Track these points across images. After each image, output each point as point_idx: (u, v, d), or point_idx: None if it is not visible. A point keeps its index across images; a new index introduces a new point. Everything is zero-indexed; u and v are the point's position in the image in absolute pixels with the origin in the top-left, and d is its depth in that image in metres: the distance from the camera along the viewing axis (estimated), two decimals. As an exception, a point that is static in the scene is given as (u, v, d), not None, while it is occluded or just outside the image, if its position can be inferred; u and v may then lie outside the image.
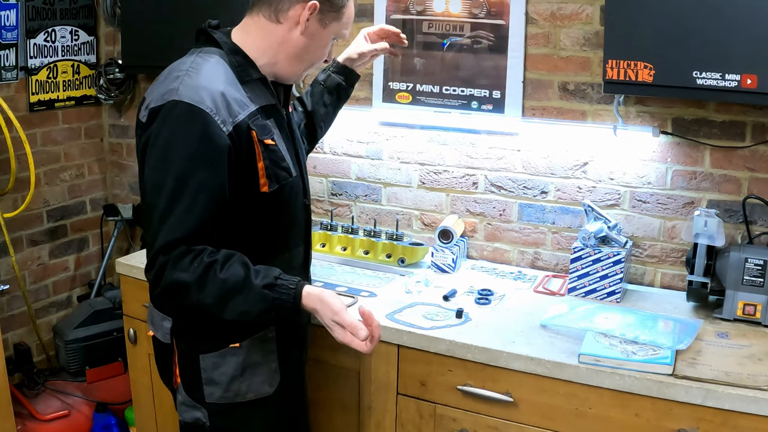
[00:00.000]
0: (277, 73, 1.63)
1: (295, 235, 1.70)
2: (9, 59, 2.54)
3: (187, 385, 1.64)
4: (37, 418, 2.52)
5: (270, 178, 1.55)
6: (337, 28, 1.61)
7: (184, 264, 1.42)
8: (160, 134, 1.45)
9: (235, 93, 1.51)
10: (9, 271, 2.68)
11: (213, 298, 1.44)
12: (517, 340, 1.82)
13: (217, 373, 1.60)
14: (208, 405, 1.62)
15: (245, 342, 1.61)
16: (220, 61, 1.55)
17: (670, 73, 1.81)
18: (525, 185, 2.33)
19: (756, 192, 2.04)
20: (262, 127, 1.54)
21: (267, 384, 1.65)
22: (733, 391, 1.57)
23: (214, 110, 1.45)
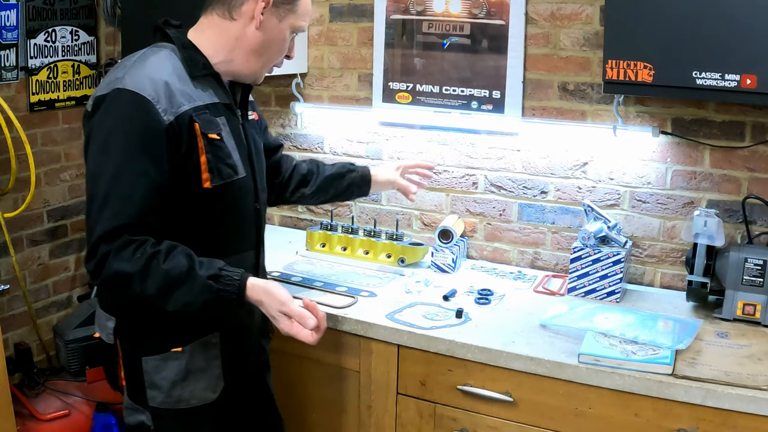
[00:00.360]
0: (235, 71, 1.61)
1: (243, 238, 1.66)
2: (9, 59, 2.54)
3: (131, 388, 1.62)
4: (38, 418, 2.52)
5: (213, 173, 1.51)
6: (293, 21, 1.59)
7: (127, 254, 1.40)
8: (103, 123, 1.45)
9: (181, 85, 1.49)
10: (9, 270, 2.68)
11: (156, 289, 1.42)
12: (516, 340, 1.82)
13: (159, 377, 1.58)
14: (151, 409, 1.60)
15: (187, 347, 1.58)
16: (171, 55, 1.54)
17: (670, 73, 1.82)
18: (525, 185, 2.33)
19: (755, 192, 2.04)
20: (207, 121, 1.51)
21: (210, 390, 1.62)
22: (732, 391, 1.57)
23: (155, 98, 1.44)
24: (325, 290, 2.12)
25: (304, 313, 1.48)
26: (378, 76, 2.45)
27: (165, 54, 1.54)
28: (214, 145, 1.52)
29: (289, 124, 2.68)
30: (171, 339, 1.57)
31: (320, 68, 2.57)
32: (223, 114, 1.57)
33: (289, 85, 2.60)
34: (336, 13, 2.51)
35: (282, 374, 2.11)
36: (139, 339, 1.59)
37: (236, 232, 1.64)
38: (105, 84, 1.50)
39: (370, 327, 1.93)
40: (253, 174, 1.65)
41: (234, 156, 1.57)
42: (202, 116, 1.51)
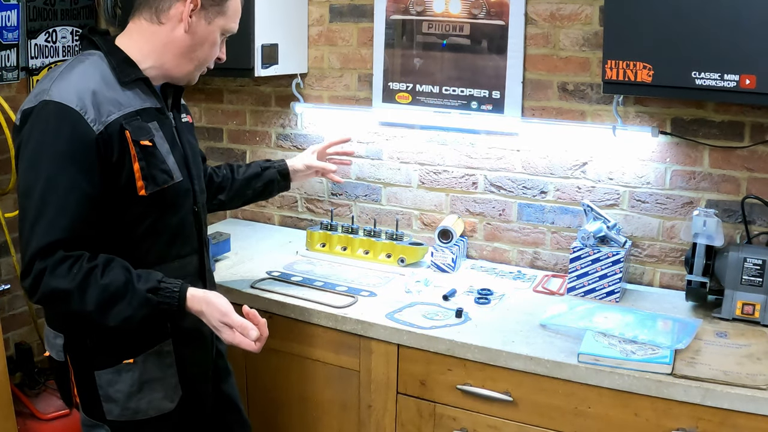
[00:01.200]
0: (168, 75, 1.59)
1: (184, 242, 1.64)
2: (10, 59, 2.54)
3: (86, 404, 1.58)
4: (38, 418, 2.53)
5: (147, 180, 1.49)
6: (223, 23, 1.58)
7: (62, 270, 1.38)
8: (31, 136, 1.42)
9: (110, 93, 1.47)
10: (10, 270, 2.69)
11: (94, 305, 1.40)
12: (516, 340, 1.82)
13: (113, 390, 1.55)
14: (109, 422, 1.57)
15: (139, 357, 1.55)
16: (98, 62, 1.51)
17: (669, 74, 1.82)
18: (524, 185, 2.33)
19: (755, 192, 2.04)
20: (138, 128, 1.49)
21: (168, 399, 1.60)
22: (731, 391, 1.57)
23: (83, 109, 1.42)
24: (325, 290, 2.13)
25: (246, 324, 1.46)
26: (378, 76, 2.45)
27: (92, 61, 1.51)
28: (146, 151, 1.49)
29: (289, 125, 2.68)
30: (122, 351, 1.54)
31: (320, 68, 2.58)
32: (155, 119, 1.55)
33: (289, 86, 2.60)
34: (336, 14, 2.51)
35: (282, 374, 2.11)
36: (90, 353, 1.55)
37: (177, 237, 1.61)
38: (32, 96, 1.47)
39: (370, 327, 1.93)
40: (190, 177, 1.62)
41: (169, 160, 1.55)
42: (133, 123, 1.48)
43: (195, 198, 1.65)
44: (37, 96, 1.45)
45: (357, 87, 2.53)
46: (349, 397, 2.02)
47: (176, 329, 1.60)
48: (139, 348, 1.56)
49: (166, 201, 1.55)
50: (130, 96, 1.51)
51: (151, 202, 1.52)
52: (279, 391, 2.14)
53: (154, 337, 1.57)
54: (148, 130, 1.51)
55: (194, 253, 1.67)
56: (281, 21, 2.40)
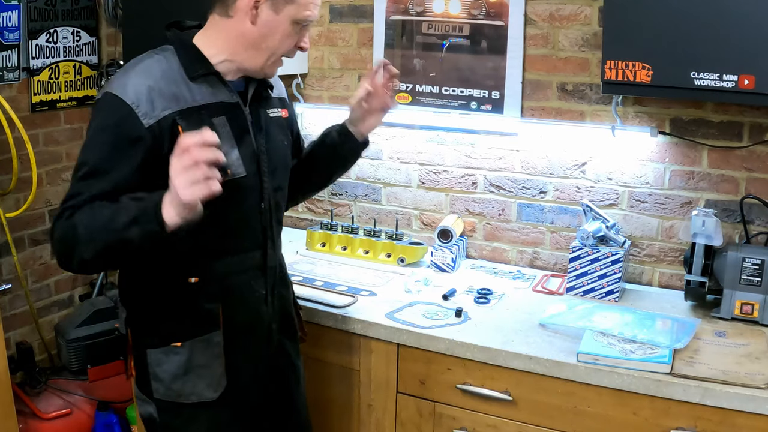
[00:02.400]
0: (242, 68, 1.60)
1: (245, 237, 1.65)
2: (11, 60, 2.55)
3: (139, 378, 1.64)
4: (39, 417, 2.53)
5: None
6: (293, 11, 1.55)
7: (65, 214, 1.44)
8: (91, 122, 1.51)
9: (169, 88, 1.50)
10: (11, 270, 2.69)
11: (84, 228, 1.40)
12: (516, 339, 1.83)
13: (161, 370, 1.60)
14: (156, 400, 1.62)
15: (187, 343, 1.59)
16: (167, 57, 1.55)
17: (668, 74, 1.82)
18: (524, 185, 2.34)
19: (753, 192, 2.05)
20: (196, 122, 1.48)
21: (211, 389, 1.62)
22: (730, 390, 1.58)
23: (135, 102, 1.46)
24: (325, 289, 2.13)
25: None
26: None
27: (161, 56, 1.55)
28: None
29: (290, 125, 2.69)
30: (172, 333, 1.59)
31: (320, 69, 2.58)
32: (225, 113, 1.57)
33: (289, 86, 2.61)
34: (336, 14, 2.52)
35: (282, 373, 2.12)
36: (145, 331, 1.61)
37: (236, 231, 1.62)
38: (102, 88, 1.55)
39: (370, 326, 1.94)
40: (259, 173, 1.62)
41: (230, 156, 1.55)
42: (191, 118, 1.50)
43: (262, 195, 1.64)
44: (104, 87, 1.54)
45: (357, 87, 2.53)
46: (349, 396, 2.03)
47: (228, 320, 1.62)
48: (187, 333, 1.59)
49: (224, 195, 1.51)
50: (197, 91, 1.53)
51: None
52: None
53: (205, 326, 1.60)
54: (208, 125, 1.49)
55: (257, 248, 1.67)
56: (281, 21, 2.40)
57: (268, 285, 1.70)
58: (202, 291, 1.59)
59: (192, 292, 1.58)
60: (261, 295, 1.68)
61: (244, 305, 1.65)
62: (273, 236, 1.71)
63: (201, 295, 1.59)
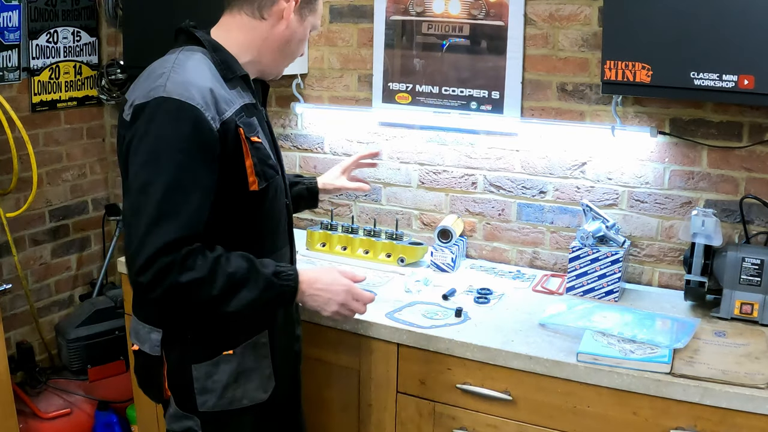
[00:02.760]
0: (263, 70, 1.64)
1: (280, 235, 1.68)
2: (11, 60, 2.55)
3: (179, 397, 1.59)
4: (40, 417, 2.54)
5: (259, 176, 1.52)
6: (312, 20, 1.63)
7: (191, 263, 1.38)
8: (149, 131, 1.40)
9: (222, 90, 1.49)
10: (11, 270, 2.70)
11: (221, 291, 1.41)
12: (515, 339, 1.83)
13: (211, 382, 1.57)
14: (201, 414, 1.59)
15: (238, 348, 1.58)
16: (204, 59, 1.53)
17: (668, 74, 1.82)
18: (524, 185, 2.34)
19: (753, 192, 2.05)
20: (248, 124, 1.52)
21: (262, 390, 1.63)
22: (730, 390, 1.58)
23: (204, 106, 1.42)
24: (325, 289, 2.13)
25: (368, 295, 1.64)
26: (378, 76, 2.46)
27: (199, 58, 1.52)
28: (256, 147, 1.52)
29: (290, 125, 2.69)
30: (221, 343, 1.57)
31: (320, 69, 2.59)
32: (254, 114, 1.59)
33: (289, 86, 2.61)
34: (336, 14, 2.52)
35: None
36: (188, 347, 1.56)
37: (275, 230, 1.66)
38: (143, 92, 1.44)
39: (370, 326, 1.94)
40: (282, 171, 1.68)
41: (272, 156, 1.60)
42: (243, 120, 1.52)
43: (286, 191, 1.71)
44: (149, 93, 1.42)
45: (357, 87, 2.54)
46: (349, 396, 2.03)
47: (271, 320, 1.64)
48: (238, 339, 1.59)
49: (269, 196, 1.59)
50: (234, 93, 1.54)
51: (257, 197, 1.55)
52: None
53: (252, 328, 1.61)
54: (255, 127, 1.55)
55: (287, 245, 1.72)
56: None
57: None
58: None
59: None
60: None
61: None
62: (293, 231, 1.77)
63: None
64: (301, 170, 2.69)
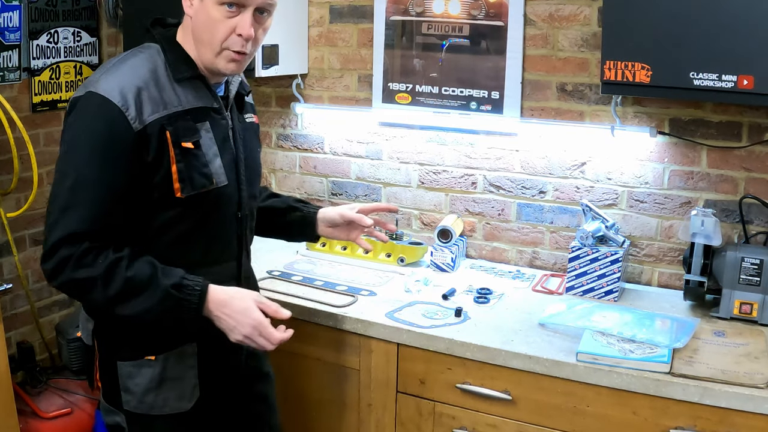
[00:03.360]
0: (205, 66, 1.51)
1: (223, 248, 1.60)
2: (12, 60, 2.55)
3: (106, 390, 1.59)
4: (40, 416, 2.54)
5: (184, 182, 1.46)
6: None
7: (89, 260, 1.39)
8: (73, 124, 1.43)
9: (157, 91, 1.44)
10: (12, 270, 2.70)
11: (115, 294, 1.40)
12: (515, 339, 1.83)
13: (132, 383, 1.54)
14: (125, 412, 1.56)
15: (161, 356, 1.54)
16: (153, 57, 1.49)
17: (667, 74, 1.83)
18: (523, 185, 2.34)
19: (752, 192, 2.05)
20: (183, 128, 1.46)
21: (185, 400, 1.57)
22: (729, 389, 1.58)
23: (125, 105, 1.40)
24: (325, 289, 2.14)
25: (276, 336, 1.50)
26: (378, 76, 2.46)
27: (146, 56, 1.49)
28: (187, 153, 1.46)
29: (290, 125, 2.69)
30: (145, 346, 1.53)
31: (320, 69, 2.59)
32: (208, 118, 1.52)
33: (289, 86, 2.61)
34: (336, 15, 2.52)
35: (282, 373, 2.12)
36: (115, 343, 1.55)
37: (214, 242, 1.57)
38: (83, 85, 1.46)
39: (370, 326, 1.94)
40: (237, 181, 1.58)
41: (214, 164, 1.51)
42: (178, 123, 1.45)
43: (240, 204, 1.60)
44: (86, 86, 1.44)
45: (357, 87, 2.54)
46: (349, 395, 2.03)
47: (202, 331, 1.54)
48: (162, 346, 1.54)
49: (206, 205, 1.51)
50: (182, 94, 1.48)
51: (189, 204, 1.49)
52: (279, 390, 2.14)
53: (179, 337, 1.55)
54: (194, 131, 1.48)
55: (233, 259, 1.63)
56: (281, 22, 2.41)
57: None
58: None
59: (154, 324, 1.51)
60: None
61: None
62: (247, 245, 1.68)
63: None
64: (301, 170, 2.69)
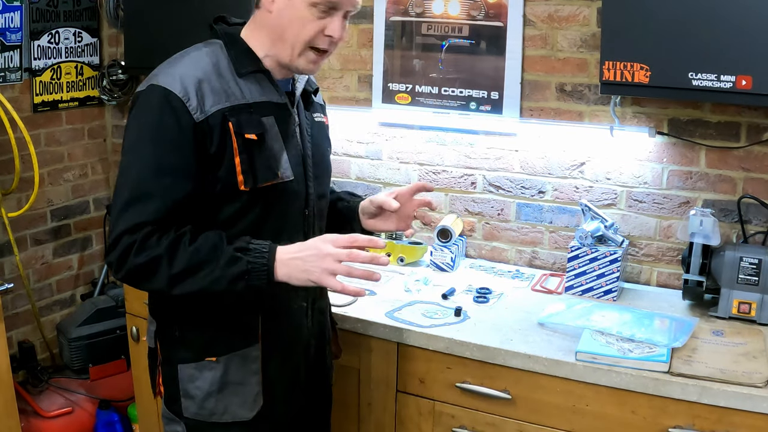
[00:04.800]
0: (280, 63, 1.51)
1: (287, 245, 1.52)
2: (13, 61, 2.56)
3: (168, 396, 1.55)
4: (41, 415, 2.55)
5: (246, 174, 1.44)
6: None
7: (152, 242, 1.36)
8: (136, 118, 1.43)
9: (219, 83, 1.44)
10: (13, 269, 2.71)
11: (182, 268, 1.36)
12: (514, 338, 1.84)
13: (193, 387, 1.51)
14: (185, 419, 1.53)
15: (223, 357, 1.50)
16: (216, 51, 1.49)
17: (666, 75, 1.83)
18: (523, 185, 2.35)
19: (751, 191, 2.06)
20: (247, 120, 1.45)
21: (247, 408, 1.52)
22: (728, 389, 1.59)
23: (185, 96, 1.40)
24: (325, 289, 2.14)
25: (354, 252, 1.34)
26: (378, 77, 2.47)
27: (209, 50, 1.49)
28: (251, 145, 1.44)
29: (290, 125, 2.69)
30: (206, 347, 1.50)
31: (320, 69, 2.59)
32: (274, 114, 1.50)
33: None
34: (336, 15, 2.53)
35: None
36: (176, 345, 1.52)
37: (280, 238, 1.48)
38: (146, 80, 1.46)
39: (370, 325, 1.95)
40: (305, 178, 1.56)
41: (281, 158, 1.49)
42: (241, 115, 1.44)
43: (307, 201, 1.57)
44: (147, 80, 1.45)
45: (357, 88, 2.55)
46: (349, 394, 2.04)
47: (267, 334, 1.52)
48: (224, 347, 1.50)
49: (271, 199, 1.49)
50: (246, 88, 1.47)
51: (254, 198, 1.46)
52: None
53: (242, 339, 1.51)
54: (258, 124, 1.46)
55: None
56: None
57: (309, 297, 1.61)
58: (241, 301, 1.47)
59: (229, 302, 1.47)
60: (302, 308, 1.59)
61: (285, 318, 1.56)
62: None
63: (239, 305, 1.48)
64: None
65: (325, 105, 1.78)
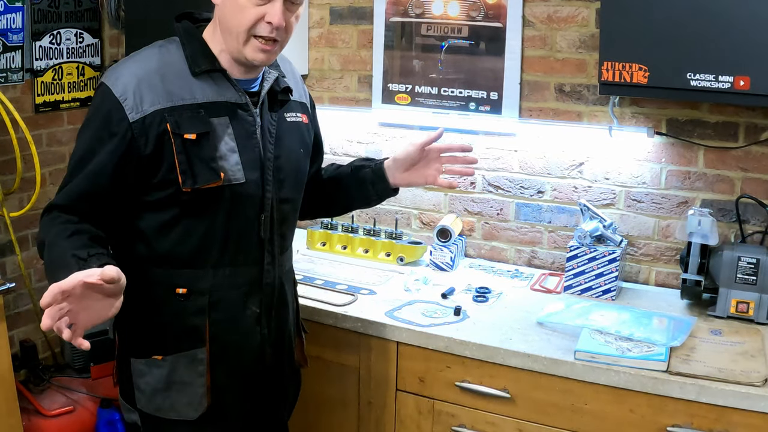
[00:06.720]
0: (233, 56, 1.48)
1: (239, 251, 1.52)
2: (15, 61, 2.56)
3: (122, 387, 1.58)
4: (43, 414, 2.55)
5: (185, 175, 1.42)
6: None
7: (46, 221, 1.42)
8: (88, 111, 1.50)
9: (163, 83, 1.43)
10: (15, 269, 2.71)
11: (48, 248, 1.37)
12: (514, 337, 1.85)
13: (143, 381, 1.53)
14: (138, 410, 1.56)
15: (170, 357, 1.50)
16: (171, 50, 1.48)
17: (665, 75, 1.84)
18: (522, 185, 2.36)
19: (749, 191, 2.07)
20: (189, 120, 1.42)
21: (192, 408, 1.52)
22: (726, 388, 1.60)
23: (123, 96, 1.41)
24: (325, 288, 2.15)
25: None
26: (377, 77, 2.48)
27: (164, 48, 1.48)
28: (190, 145, 1.42)
29: (291, 125, 2.70)
30: (154, 345, 1.52)
31: (320, 70, 2.60)
32: (229, 114, 1.47)
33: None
34: (336, 16, 2.54)
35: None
36: (130, 338, 1.55)
37: (231, 243, 1.50)
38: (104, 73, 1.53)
39: (370, 324, 1.95)
40: (262, 181, 1.51)
41: (229, 159, 1.45)
42: (183, 115, 1.42)
43: (263, 205, 1.52)
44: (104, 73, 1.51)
45: (357, 88, 2.56)
46: (349, 394, 2.05)
47: (215, 337, 1.52)
48: (171, 347, 1.51)
49: (220, 202, 1.46)
50: (199, 88, 1.45)
51: (198, 199, 1.45)
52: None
53: (189, 341, 1.51)
54: (202, 124, 1.43)
55: (253, 264, 1.54)
56: (282, 23, 2.42)
57: (264, 304, 1.58)
58: (189, 303, 1.49)
59: (178, 303, 1.50)
60: (254, 313, 1.56)
61: (234, 323, 1.54)
62: (273, 251, 1.57)
63: (187, 307, 1.50)
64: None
65: (311, 102, 1.75)
